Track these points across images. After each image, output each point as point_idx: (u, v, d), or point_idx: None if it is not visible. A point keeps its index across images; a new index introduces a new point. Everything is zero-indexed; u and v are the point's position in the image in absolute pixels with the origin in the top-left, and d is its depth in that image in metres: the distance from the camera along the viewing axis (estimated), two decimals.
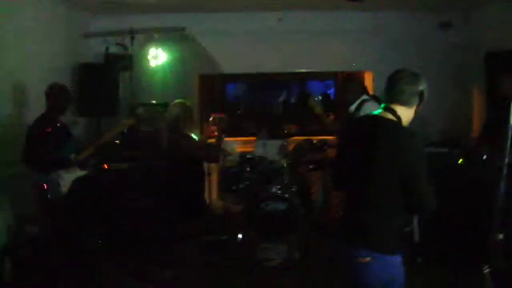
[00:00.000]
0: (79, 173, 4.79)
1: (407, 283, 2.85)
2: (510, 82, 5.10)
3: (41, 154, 4.55)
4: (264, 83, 10.46)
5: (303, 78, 10.32)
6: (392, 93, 2.87)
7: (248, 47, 7.87)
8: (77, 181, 4.75)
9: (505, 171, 2.96)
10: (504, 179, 2.95)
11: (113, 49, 7.28)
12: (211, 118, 5.28)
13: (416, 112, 2.91)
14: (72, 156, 4.72)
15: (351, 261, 2.82)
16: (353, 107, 5.49)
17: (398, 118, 2.84)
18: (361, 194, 2.89)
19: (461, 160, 5.68)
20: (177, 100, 5.18)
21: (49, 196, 4.55)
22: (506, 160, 2.99)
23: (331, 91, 10.48)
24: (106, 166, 5.72)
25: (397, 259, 2.81)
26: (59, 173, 4.63)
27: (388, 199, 2.75)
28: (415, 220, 3.93)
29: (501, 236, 2.92)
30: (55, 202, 4.58)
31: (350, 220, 2.97)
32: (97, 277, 4.95)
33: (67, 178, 4.66)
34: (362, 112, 5.14)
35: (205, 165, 5.81)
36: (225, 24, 7.76)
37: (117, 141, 6.06)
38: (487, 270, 2.95)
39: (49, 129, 4.61)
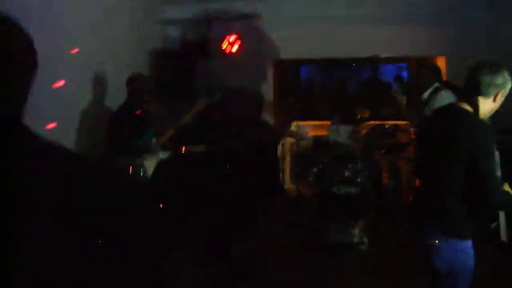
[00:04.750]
0: (162, 156, 5.03)
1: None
2: None
3: (126, 139, 4.75)
4: (337, 68, 10.47)
5: (375, 62, 10.25)
6: (470, 83, 2.89)
7: (321, 32, 7.92)
8: (160, 164, 4.98)
9: None
10: None
11: (190, 36, 7.46)
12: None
13: (498, 102, 2.88)
14: (154, 140, 4.97)
15: (423, 243, 2.92)
16: (426, 94, 5.46)
17: (476, 109, 2.86)
18: (435, 181, 2.99)
19: None
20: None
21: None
22: None
23: (404, 74, 10.38)
24: (184, 149, 5.94)
25: (467, 245, 2.88)
26: (143, 157, 4.85)
27: (459, 186, 2.81)
28: (502, 216, 3.88)
29: None
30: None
31: (423, 204, 3.07)
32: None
33: (150, 163, 4.90)
34: (436, 102, 5.06)
35: (279, 148, 5.99)
36: (298, 10, 7.82)
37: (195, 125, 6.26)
38: None
39: (133, 116, 4.85)
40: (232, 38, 7.68)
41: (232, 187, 5.55)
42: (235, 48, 7.69)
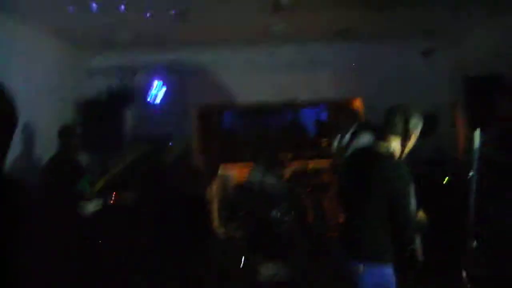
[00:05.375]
0: (97, 204, 5.05)
1: None
2: (488, 105, 5.48)
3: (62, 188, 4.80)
4: (259, 113, 10.79)
5: (296, 106, 10.66)
6: (386, 125, 3.22)
7: (243, 79, 8.29)
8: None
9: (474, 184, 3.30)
10: (473, 191, 3.30)
11: (115, 86, 7.55)
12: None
13: (412, 142, 3.23)
14: (87, 190, 5.00)
15: (349, 272, 3.17)
16: (346, 140, 5.78)
17: (390, 148, 3.18)
18: (356, 214, 3.27)
19: (447, 178, 6.01)
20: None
21: None
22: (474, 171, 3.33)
23: (323, 116, 10.84)
24: (115, 195, 5.94)
25: (388, 270, 3.16)
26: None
27: (379, 218, 3.10)
28: (418, 239, 4.21)
29: (475, 243, 3.26)
30: None
31: (347, 236, 3.34)
32: None
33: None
34: (356, 144, 5.37)
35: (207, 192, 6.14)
36: (220, 58, 8.17)
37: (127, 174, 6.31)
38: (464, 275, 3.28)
39: (66, 166, 4.89)
40: (157, 86, 7.87)
41: (162, 233, 5.62)
42: (159, 97, 7.86)
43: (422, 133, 3.23)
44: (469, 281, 3.23)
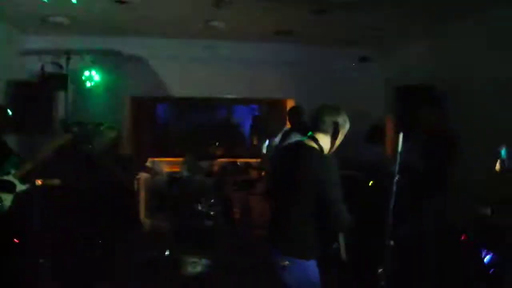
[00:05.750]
0: (20, 188, 4.92)
1: None
2: (414, 115, 5.78)
3: None
4: (193, 107, 10.81)
5: (230, 103, 10.75)
6: (315, 123, 3.38)
7: (178, 71, 8.35)
8: (17, 197, 4.87)
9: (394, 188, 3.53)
10: (393, 194, 3.52)
11: (48, 68, 7.40)
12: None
13: (339, 140, 3.39)
14: (12, 172, 4.87)
15: (275, 265, 3.31)
16: (276, 141, 5.93)
17: (319, 145, 3.32)
18: (283, 208, 3.39)
19: (371, 181, 6.29)
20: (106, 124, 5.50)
21: None
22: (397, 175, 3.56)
23: (257, 114, 10.97)
24: (40, 182, 5.84)
25: (312, 264, 3.31)
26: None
27: (304, 213, 3.24)
28: (341, 238, 4.35)
29: (391, 243, 3.49)
30: None
31: (274, 230, 3.48)
32: None
33: (8, 195, 4.77)
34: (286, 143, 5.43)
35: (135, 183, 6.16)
36: (156, 50, 8.18)
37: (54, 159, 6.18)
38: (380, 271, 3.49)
39: None
40: (90, 72, 7.78)
41: (89, 222, 5.57)
42: (93, 82, 7.79)
43: (371, 141, 3.43)
44: (384, 277, 3.43)
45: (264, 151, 6.57)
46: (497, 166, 3.90)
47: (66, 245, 5.54)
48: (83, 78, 7.77)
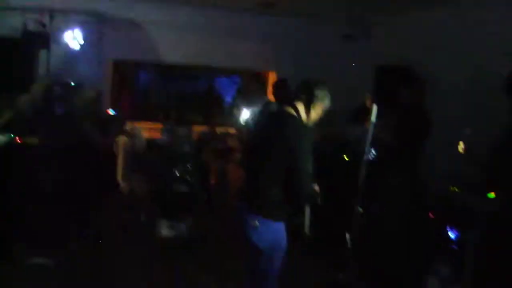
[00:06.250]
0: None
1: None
2: (392, 94, 5.88)
3: None
4: (174, 73, 10.83)
5: (211, 71, 10.78)
6: (296, 92, 3.56)
7: (161, 38, 8.36)
8: None
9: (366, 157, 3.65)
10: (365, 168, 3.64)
11: (31, 26, 7.30)
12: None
13: (318, 112, 3.54)
14: None
15: (246, 224, 3.45)
16: (256, 111, 6.00)
17: (299, 114, 3.48)
18: (256, 169, 3.53)
19: (345, 156, 6.41)
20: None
21: None
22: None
23: (237, 86, 11.05)
24: (19, 140, 5.83)
25: (280, 226, 3.47)
26: None
27: (275, 175, 3.38)
28: (307, 213, 4.46)
29: (360, 209, 3.64)
30: None
31: (246, 190, 3.61)
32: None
33: None
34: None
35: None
36: (140, 13, 8.18)
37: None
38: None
39: None
40: (73, 32, 7.74)
41: (66, 183, 5.61)
42: (75, 43, 7.75)
43: (355, 122, 3.56)
44: (351, 243, 3.58)
45: (243, 122, 6.66)
46: (460, 147, 4.04)
47: (42, 205, 5.58)
48: (66, 38, 7.71)
